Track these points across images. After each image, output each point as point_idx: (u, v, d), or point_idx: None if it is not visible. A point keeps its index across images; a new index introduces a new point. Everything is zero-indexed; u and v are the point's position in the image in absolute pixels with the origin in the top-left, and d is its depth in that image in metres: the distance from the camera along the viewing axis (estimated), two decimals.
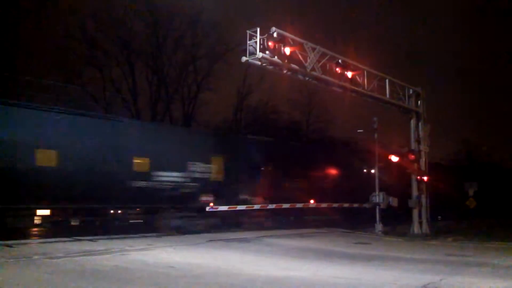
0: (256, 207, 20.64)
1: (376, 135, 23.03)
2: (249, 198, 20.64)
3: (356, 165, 26.66)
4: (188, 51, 35.44)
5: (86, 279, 8.73)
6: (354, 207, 24.72)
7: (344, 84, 17.98)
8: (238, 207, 19.83)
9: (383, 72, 20.34)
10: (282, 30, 15.36)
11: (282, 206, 21.59)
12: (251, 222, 20.82)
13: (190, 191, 18.45)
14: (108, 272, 9.50)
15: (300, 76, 17.16)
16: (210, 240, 15.90)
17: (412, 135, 22.24)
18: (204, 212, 18.66)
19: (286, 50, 15.48)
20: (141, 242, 14.46)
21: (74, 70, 30.89)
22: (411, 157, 21.52)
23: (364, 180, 24.91)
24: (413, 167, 21.72)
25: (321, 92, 36.48)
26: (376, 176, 22.56)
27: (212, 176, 19.31)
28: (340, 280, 9.56)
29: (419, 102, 22.42)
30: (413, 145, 22.08)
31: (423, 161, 22.04)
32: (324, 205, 23.56)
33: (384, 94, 20.22)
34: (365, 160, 26.03)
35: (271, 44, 14.99)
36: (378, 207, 22.04)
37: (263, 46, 14.88)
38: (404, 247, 17.18)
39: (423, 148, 22.13)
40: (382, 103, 20.83)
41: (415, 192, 21.74)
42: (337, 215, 24.59)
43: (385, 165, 23.18)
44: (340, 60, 17.47)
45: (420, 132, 22.23)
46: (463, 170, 38.48)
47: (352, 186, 24.65)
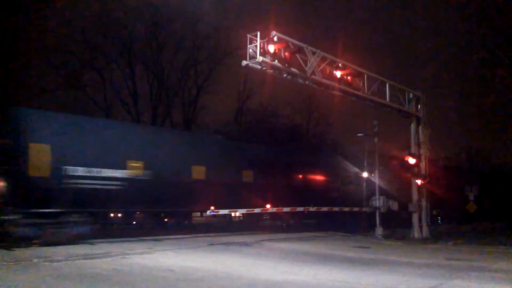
0: (256, 210, 20.57)
1: (376, 139, 23.05)
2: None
3: (342, 169, 26.41)
4: (189, 54, 35.57)
5: (86, 283, 8.74)
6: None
7: (345, 88, 18.05)
8: (239, 210, 19.80)
9: (383, 76, 20.40)
10: (282, 34, 15.40)
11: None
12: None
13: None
14: (108, 275, 9.51)
15: (300, 80, 17.18)
16: (210, 244, 15.90)
17: (412, 139, 22.27)
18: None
19: (286, 54, 15.54)
20: (141, 246, 14.47)
21: (74, 73, 30.96)
22: (412, 161, 21.53)
23: (351, 185, 24.94)
24: (413, 171, 21.74)
25: (321, 95, 36.46)
26: (376, 180, 22.54)
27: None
28: (340, 284, 9.56)
29: (419, 106, 22.47)
30: (413, 149, 22.11)
31: (423, 165, 22.07)
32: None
33: (384, 98, 20.27)
34: (355, 164, 25.91)
35: (271, 48, 15.03)
36: (378, 211, 22.03)
37: (263, 50, 14.92)
38: (404, 251, 17.15)
39: (423, 152, 22.13)
40: (382, 107, 20.87)
41: (415, 196, 21.74)
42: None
43: (384, 168, 23.15)
44: (340, 64, 17.52)
45: (420, 136, 22.25)
46: (464, 173, 38.47)
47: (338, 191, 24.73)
